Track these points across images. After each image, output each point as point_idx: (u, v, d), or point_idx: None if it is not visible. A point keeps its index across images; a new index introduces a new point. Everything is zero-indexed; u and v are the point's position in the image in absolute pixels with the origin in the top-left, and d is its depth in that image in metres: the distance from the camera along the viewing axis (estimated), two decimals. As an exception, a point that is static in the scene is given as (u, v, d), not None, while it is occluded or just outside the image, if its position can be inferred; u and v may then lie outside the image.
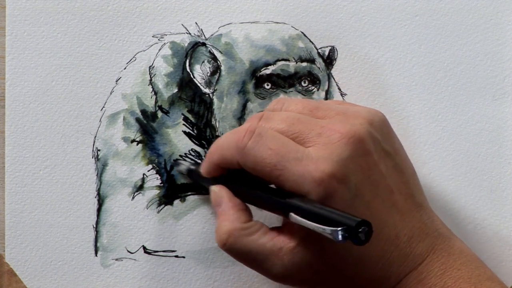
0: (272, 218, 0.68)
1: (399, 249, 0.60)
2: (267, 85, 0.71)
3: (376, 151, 0.60)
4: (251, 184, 0.63)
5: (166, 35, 0.72)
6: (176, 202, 0.71)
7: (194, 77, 0.71)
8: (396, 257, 0.60)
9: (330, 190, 0.58)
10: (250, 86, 0.71)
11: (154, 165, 0.71)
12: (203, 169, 0.66)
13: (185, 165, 0.70)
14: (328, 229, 0.55)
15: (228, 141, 0.62)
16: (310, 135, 0.60)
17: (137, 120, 0.72)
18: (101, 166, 0.72)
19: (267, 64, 0.71)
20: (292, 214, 0.58)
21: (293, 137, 0.60)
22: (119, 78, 0.72)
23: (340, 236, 0.54)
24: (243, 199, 0.64)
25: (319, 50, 0.72)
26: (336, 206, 0.57)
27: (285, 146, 0.59)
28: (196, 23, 0.72)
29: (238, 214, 0.62)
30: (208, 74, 0.71)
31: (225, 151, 0.62)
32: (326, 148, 0.59)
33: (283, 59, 0.71)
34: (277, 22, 0.72)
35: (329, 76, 0.72)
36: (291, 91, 0.71)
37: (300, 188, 0.58)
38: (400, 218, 0.60)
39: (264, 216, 0.69)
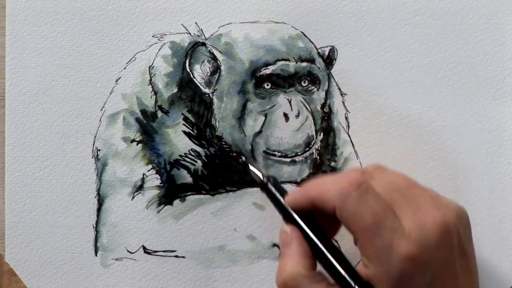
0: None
1: None
2: (267, 85, 0.71)
3: (458, 248, 0.61)
4: (322, 242, 0.63)
5: (166, 35, 0.72)
6: (176, 202, 0.72)
7: (194, 77, 0.71)
8: None
9: (410, 271, 0.59)
10: (250, 86, 0.71)
11: (154, 165, 0.71)
12: (290, 199, 0.65)
13: (259, 173, 0.67)
14: None
15: (330, 184, 0.62)
16: (405, 208, 0.61)
17: (137, 120, 0.72)
18: (101, 166, 0.72)
19: (267, 64, 0.71)
20: None
21: (390, 203, 0.61)
22: (119, 78, 0.72)
23: None
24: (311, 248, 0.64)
25: (319, 50, 0.72)
26: None
27: (385, 211, 0.60)
28: (196, 23, 0.72)
29: (304, 260, 0.62)
30: (208, 74, 0.71)
31: (325, 192, 0.62)
32: (418, 228, 0.60)
33: (283, 59, 0.71)
34: (277, 22, 0.72)
35: (329, 76, 0.72)
36: (291, 91, 0.71)
37: (383, 258, 0.59)
38: None
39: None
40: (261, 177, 0.67)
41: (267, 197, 0.67)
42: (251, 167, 0.68)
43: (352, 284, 0.60)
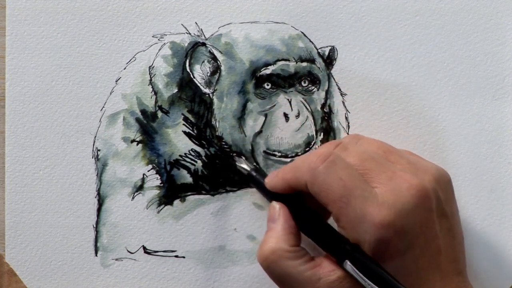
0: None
1: None
2: (267, 85, 0.71)
3: (437, 210, 0.62)
4: (310, 216, 0.64)
5: (166, 35, 0.72)
6: (176, 202, 0.72)
7: (194, 77, 0.71)
8: None
9: (386, 237, 0.59)
10: (250, 86, 0.71)
11: (154, 165, 0.71)
12: (270, 182, 0.66)
13: (246, 166, 0.70)
14: None
15: (301, 161, 0.63)
16: (380, 176, 0.61)
17: (137, 120, 0.72)
18: (101, 166, 0.72)
19: (267, 64, 0.71)
20: (348, 262, 0.60)
21: (363, 172, 0.61)
22: (119, 78, 0.72)
23: None
24: (300, 226, 0.65)
25: (319, 50, 0.72)
26: (388, 253, 0.59)
27: (354, 180, 0.60)
28: (196, 23, 0.72)
29: (287, 236, 0.63)
30: (208, 74, 0.71)
31: (297, 170, 0.63)
32: (393, 194, 0.60)
33: (283, 59, 0.71)
34: (277, 22, 0.72)
35: (329, 76, 0.72)
36: (291, 91, 0.71)
37: (358, 226, 0.60)
38: (440, 280, 0.61)
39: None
40: (248, 168, 0.69)
41: (255, 186, 0.68)
42: (238, 163, 0.70)
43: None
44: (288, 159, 0.71)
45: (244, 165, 0.70)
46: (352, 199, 0.60)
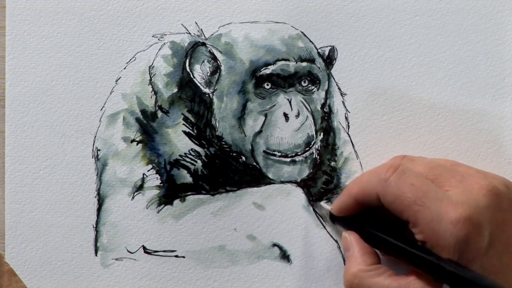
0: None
1: None
2: (267, 85, 0.71)
3: (510, 211, 0.62)
4: (388, 233, 0.65)
5: (166, 35, 0.72)
6: (176, 202, 0.72)
7: (194, 77, 0.71)
8: None
9: (465, 233, 0.60)
10: (250, 86, 0.71)
11: (154, 165, 0.71)
12: (335, 207, 0.68)
13: (326, 208, 0.70)
14: None
15: (369, 175, 0.65)
16: (450, 180, 0.63)
17: (137, 120, 0.72)
18: (101, 166, 0.72)
19: (267, 64, 0.71)
20: (445, 286, 0.60)
21: (433, 178, 0.63)
22: (119, 78, 0.72)
23: None
24: (376, 245, 0.66)
25: (319, 50, 0.72)
26: (471, 252, 0.60)
27: (426, 185, 0.62)
28: (196, 23, 0.72)
29: (364, 257, 0.65)
30: (208, 74, 0.71)
31: (366, 184, 0.65)
32: (465, 194, 0.62)
33: (283, 59, 0.71)
34: (277, 22, 0.72)
35: (329, 76, 0.72)
36: (291, 91, 0.71)
37: (436, 227, 0.60)
38: None
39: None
40: (329, 208, 0.70)
41: (339, 224, 0.69)
42: (321, 204, 0.71)
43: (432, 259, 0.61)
44: (288, 159, 0.71)
45: (326, 206, 0.70)
46: (426, 201, 0.61)
